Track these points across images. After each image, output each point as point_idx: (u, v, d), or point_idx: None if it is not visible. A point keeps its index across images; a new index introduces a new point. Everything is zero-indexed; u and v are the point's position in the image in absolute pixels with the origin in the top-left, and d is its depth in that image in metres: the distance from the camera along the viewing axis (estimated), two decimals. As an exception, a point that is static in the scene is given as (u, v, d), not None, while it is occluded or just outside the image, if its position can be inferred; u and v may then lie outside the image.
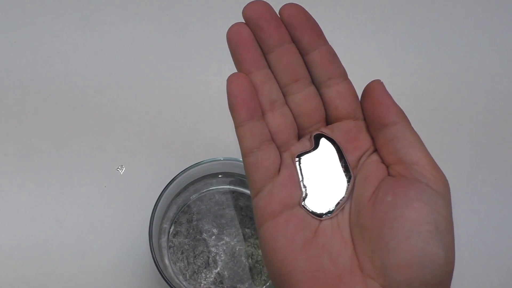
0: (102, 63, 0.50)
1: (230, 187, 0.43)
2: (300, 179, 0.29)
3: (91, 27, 0.51)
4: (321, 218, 0.28)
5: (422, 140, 0.28)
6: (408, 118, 0.29)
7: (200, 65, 0.50)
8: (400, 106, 0.29)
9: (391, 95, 0.29)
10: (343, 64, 0.29)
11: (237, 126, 0.28)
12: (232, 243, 0.41)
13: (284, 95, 0.29)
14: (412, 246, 0.25)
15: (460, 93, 0.51)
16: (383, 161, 0.29)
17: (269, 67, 0.29)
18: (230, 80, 0.28)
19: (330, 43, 0.29)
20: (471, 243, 0.45)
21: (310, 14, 0.28)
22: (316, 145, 0.29)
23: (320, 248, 0.27)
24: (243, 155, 0.29)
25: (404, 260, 0.25)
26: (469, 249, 0.44)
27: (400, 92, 0.47)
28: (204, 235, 0.41)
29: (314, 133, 0.30)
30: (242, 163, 0.40)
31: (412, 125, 0.29)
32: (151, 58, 0.50)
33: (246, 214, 0.42)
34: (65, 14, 0.52)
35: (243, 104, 0.27)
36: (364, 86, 0.30)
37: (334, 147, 0.29)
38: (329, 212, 0.29)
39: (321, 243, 0.28)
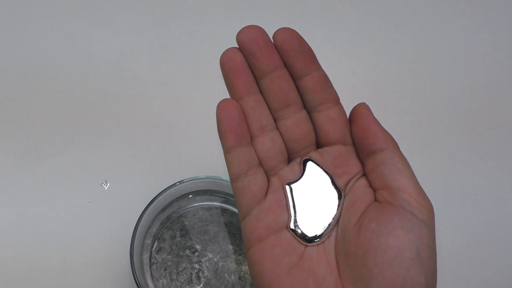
0: (86, 78, 0.50)
1: (213, 203, 0.43)
2: (289, 204, 0.29)
3: (78, 44, 0.51)
4: (309, 244, 0.29)
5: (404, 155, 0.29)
6: (390, 133, 0.29)
7: (187, 82, 0.50)
8: (384, 119, 0.29)
9: (377, 117, 0.29)
10: (331, 80, 0.29)
11: (225, 152, 0.29)
12: (215, 260, 0.41)
13: (275, 119, 0.30)
14: (394, 273, 0.25)
15: (442, 109, 0.51)
16: (371, 186, 0.29)
17: (261, 92, 0.29)
18: (220, 107, 0.28)
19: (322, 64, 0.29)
20: (452, 259, 0.45)
21: (303, 38, 0.28)
22: (305, 170, 0.30)
23: (306, 272, 0.28)
24: (231, 180, 0.29)
25: (386, 287, 0.25)
26: (450, 265, 0.44)
27: (384, 108, 0.48)
28: (187, 251, 0.41)
29: (304, 158, 0.30)
30: (225, 182, 0.40)
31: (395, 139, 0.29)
32: (136, 73, 0.51)
33: (230, 230, 0.42)
34: (51, 31, 0.52)
35: (232, 131, 0.28)
36: (351, 109, 0.30)
37: (323, 172, 0.30)
38: (317, 238, 0.29)
39: (306, 267, 0.28)
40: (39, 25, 0.52)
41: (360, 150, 0.29)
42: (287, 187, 0.30)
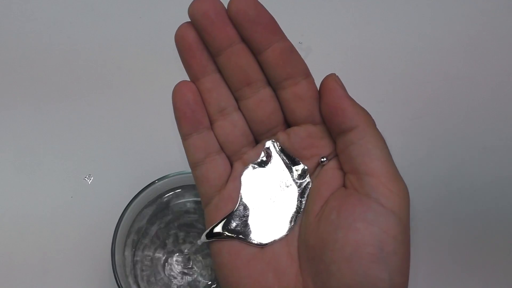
0: (69, 66, 0.47)
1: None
2: (241, 198, 0.27)
3: (59, 29, 0.49)
4: (260, 246, 0.26)
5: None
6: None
7: (176, 69, 0.48)
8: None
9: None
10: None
11: (182, 139, 0.27)
12: (205, 257, 0.39)
13: (237, 99, 0.27)
14: (353, 271, 0.23)
15: (440, 103, 0.49)
16: (341, 168, 0.26)
17: (220, 71, 0.27)
18: (175, 91, 0.27)
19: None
20: (451, 256, 0.43)
21: (263, 6, 0.25)
22: (267, 155, 0.27)
23: (266, 264, 0.26)
24: (190, 168, 0.28)
25: (345, 285, 0.23)
26: (450, 263, 0.42)
27: (380, 100, 0.46)
28: (175, 248, 0.39)
29: (266, 141, 0.27)
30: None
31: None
32: (116, 63, 0.48)
33: (220, 226, 0.39)
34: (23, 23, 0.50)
35: (186, 117, 0.26)
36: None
37: (286, 156, 0.27)
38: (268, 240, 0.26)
39: (267, 258, 0.26)
40: None
41: (330, 129, 0.27)
42: (243, 173, 0.27)
